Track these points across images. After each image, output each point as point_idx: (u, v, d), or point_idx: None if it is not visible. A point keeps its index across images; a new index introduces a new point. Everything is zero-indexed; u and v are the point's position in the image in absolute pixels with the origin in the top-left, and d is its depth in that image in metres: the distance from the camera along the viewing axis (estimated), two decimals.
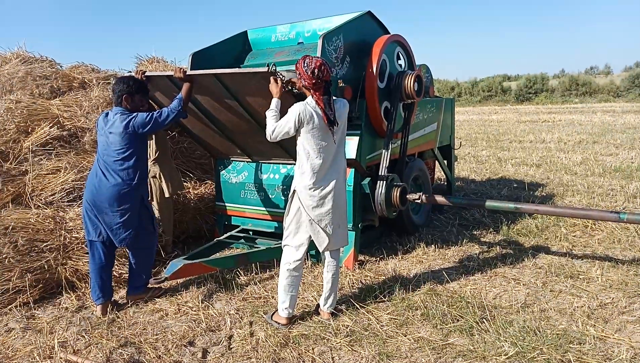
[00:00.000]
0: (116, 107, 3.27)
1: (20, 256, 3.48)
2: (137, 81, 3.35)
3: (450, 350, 2.68)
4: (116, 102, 3.28)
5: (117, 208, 3.17)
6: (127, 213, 3.20)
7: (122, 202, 3.17)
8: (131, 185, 3.19)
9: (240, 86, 3.51)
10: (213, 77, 3.48)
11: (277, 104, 3.02)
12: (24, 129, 4.39)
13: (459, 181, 7.45)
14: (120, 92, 3.24)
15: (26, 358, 2.75)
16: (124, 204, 3.18)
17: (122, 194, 3.17)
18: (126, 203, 3.19)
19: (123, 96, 3.23)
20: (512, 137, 13.03)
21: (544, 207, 3.84)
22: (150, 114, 3.23)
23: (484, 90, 34.80)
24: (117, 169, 3.17)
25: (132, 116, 3.19)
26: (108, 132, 3.20)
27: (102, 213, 3.19)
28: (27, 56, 5.57)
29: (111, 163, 3.18)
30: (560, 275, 3.67)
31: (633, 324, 2.90)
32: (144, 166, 3.31)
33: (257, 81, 3.30)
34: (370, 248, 4.44)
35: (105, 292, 3.29)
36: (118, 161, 3.17)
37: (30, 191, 4.01)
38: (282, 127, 2.87)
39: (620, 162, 8.41)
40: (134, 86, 3.26)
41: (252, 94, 3.51)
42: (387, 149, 4.08)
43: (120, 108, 3.25)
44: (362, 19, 4.14)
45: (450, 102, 5.80)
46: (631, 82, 29.29)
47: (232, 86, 3.54)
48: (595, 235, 4.57)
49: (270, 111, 3.00)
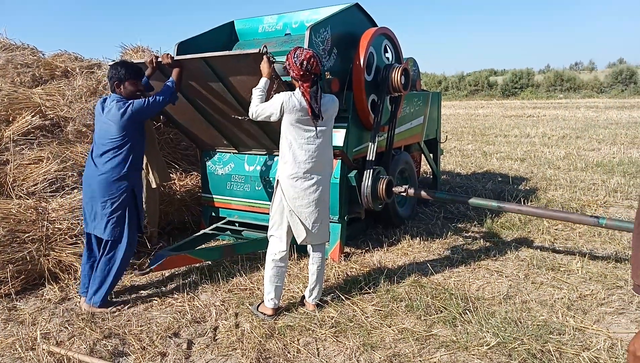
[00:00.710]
0: (113, 94, 3.24)
1: (2, 247, 3.42)
2: (126, 66, 3.25)
3: (434, 340, 2.72)
4: (111, 90, 3.26)
5: (106, 197, 3.12)
6: (115, 203, 3.12)
7: (111, 191, 3.11)
8: (121, 174, 3.13)
9: (230, 70, 3.47)
10: (202, 61, 3.44)
11: (265, 83, 3.03)
12: (5, 118, 4.30)
13: (445, 175, 7.51)
14: (112, 80, 3.21)
15: (8, 349, 2.71)
16: (112, 193, 3.12)
17: (110, 183, 3.11)
18: (115, 191, 3.12)
19: (114, 83, 3.20)
20: (497, 131, 13.16)
21: (526, 208, 3.90)
22: (146, 99, 3.21)
23: (471, 84, 34.98)
24: (110, 157, 3.12)
25: (129, 103, 3.15)
26: (105, 119, 3.16)
27: (95, 202, 3.14)
28: (8, 43, 5.45)
29: (104, 150, 3.13)
30: (542, 267, 3.73)
31: (611, 315, 2.97)
32: (138, 157, 3.26)
33: (248, 64, 3.27)
34: (356, 240, 4.47)
35: None
36: (112, 150, 3.12)
37: (11, 181, 3.94)
38: (264, 109, 2.90)
39: (602, 157, 8.56)
40: (122, 71, 3.19)
41: (241, 79, 3.47)
42: (373, 142, 4.09)
43: (117, 95, 3.21)
44: (350, 11, 4.13)
45: (437, 96, 5.83)
46: (614, 79, 29.71)
47: (221, 70, 3.50)
48: (576, 229, 4.66)
49: (258, 89, 3.00)
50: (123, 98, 3.20)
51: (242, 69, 3.37)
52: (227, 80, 3.57)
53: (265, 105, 2.90)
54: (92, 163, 3.18)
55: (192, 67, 3.53)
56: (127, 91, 3.23)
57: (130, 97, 3.22)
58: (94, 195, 3.15)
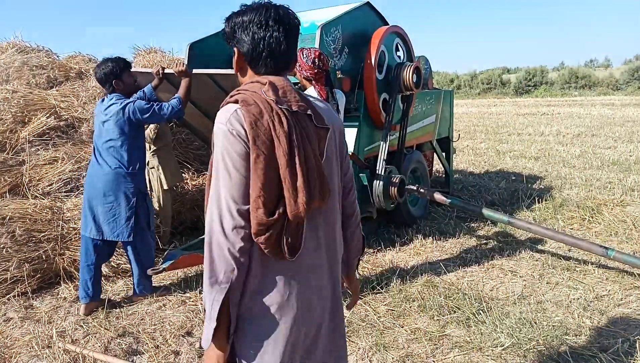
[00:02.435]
0: (110, 94, 3.18)
1: (18, 246, 3.48)
2: (114, 61, 3.18)
3: (447, 341, 2.70)
4: (109, 90, 3.19)
5: (110, 197, 3.08)
6: (120, 203, 3.09)
7: (115, 191, 3.08)
8: (124, 173, 3.10)
9: (234, 85, 3.53)
10: (206, 76, 3.47)
11: None
12: (21, 119, 4.37)
13: (457, 174, 7.45)
14: (107, 78, 3.13)
15: (25, 347, 2.75)
16: (117, 193, 3.08)
17: (115, 183, 3.08)
18: (119, 191, 3.09)
19: (112, 80, 3.14)
20: (510, 130, 13.02)
21: (536, 227, 3.77)
22: (150, 104, 3.14)
23: (483, 82, 34.71)
24: (111, 156, 3.09)
25: (130, 101, 3.11)
26: (103, 119, 3.12)
27: (98, 204, 3.09)
28: (24, 46, 5.53)
29: (105, 149, 3.10)
30: (557, 267, 3.68)
31: (629, 316, 2.92)
32: (140, 155, 3.24)
33: None
34: (368, 240, 4.45)
35: (92, 291, 3.17)
36: (112, 148, 3.09)
37: (27, 181, 4.00)
38: None
39: (618, 155, 8.41)
40: (114, 66, 3.13)
41: None
42: (385, 141, 4.07)
43: (116, 94, 3.16)
44: (361, 10, 4.12)
45: (449, 94, 5.78)
46: (631, 75, 29.22)
47: (225, 85, 3.55)
48: (592, 228, 4.59)
49: None
50: (122, 97, 3.15)
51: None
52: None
53: None
54: (96, 162, 3.14)
55: (199, 80, 3.56)
56: (126, 85, 3.17)
57: (129, 91, 3.19)
58: (98, 196, 3.09)
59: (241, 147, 1.16)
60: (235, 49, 1.29)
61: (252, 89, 1.23)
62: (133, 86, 3.24)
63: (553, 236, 3.65)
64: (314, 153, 1.22)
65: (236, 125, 1.16)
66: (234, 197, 1.16)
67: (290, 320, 1.25)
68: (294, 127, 1.19)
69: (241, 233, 1.16)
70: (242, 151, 1.16)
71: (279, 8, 1.25)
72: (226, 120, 1.18)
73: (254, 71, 1.29)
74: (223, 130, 1.17)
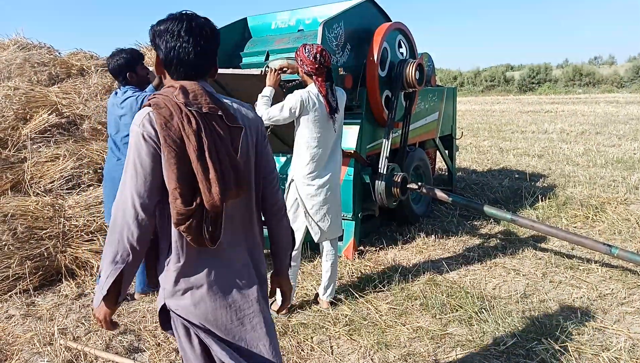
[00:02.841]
0: (124, 86, 3.12)
1: (20, 243, 3.48)
2: (129, 52, 3.14)
3: (449, 339, 2.69)
4: (122, 83, 3.13)
5: None
6: None
7: None
8: None
9: (235, 84, 3.55)
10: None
11: (271, 92, 2.99)
12: (22, 116, 4.37)
13: (460, 172, 7.42)
14: (121, 70, 3.07)
15: (26, 344, 2.76)
16: None
17: None
18: None
19: (126, 73, 3.08)
20: (514, 127, 12.96)
21: (539, 225, 3.74)
22: None
23: (487, 80, 34.59)
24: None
25: (147, 94, 3.05)
26: (120, 113, 3.07)
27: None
28: (25, 43, 5.54)
29: (123, 145, 3.06)
30: (560, 266, 3.66)
31: (632, 315, 2.90)
32: None
33: (251, 82, 3.31)
34: (370, 237, 4.44)
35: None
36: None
37: (29, 178, 4.00)
38: (281, 112, 2.81)
39: (622, 153, 8.37)
40: (129, 57, 3.09)
41: (245, 93, 3.50)
42: (387, 138, 4.05)
43: (130, 86, 3.11)
44: (363, 6, 4.09)
45: (452, 91, 5.75)
46: (635, 73, 29.07)
47: (226, 84, 3.56)
48: (596, 226, 4.56)
49: (264, 97, 2.94)
50: (136, 89, 3.10)
51: (247, 86, 3.41)
52: (233, 93, 3.69)
53: (277, 107, 2.82)
54: (114, 156, 3.11)
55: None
56: (139, 77, 3.13)
57: (142, 83, 3.15)
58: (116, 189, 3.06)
59: (150, 147, 1.28)
60: (157, 54, 1.40)
61: (166, 93, 1.34)
62: (146, 78, 3.19)
63: (556, 234, 3.63)
64: (226, 149, 1.32)
65: (148, 127, 1.29)
66: (139, 192, 1.29)
67: (214, 296, 1.41)
68: (203, 126, 1.29)
69: (141, 224, 1.30)
70: (151, 152, 1.28)
71: (194, 20, 1.34)
72: (140, 123, 1.30)
73: (170, 76, 1.39)
74: (136, 132, 1.30)
